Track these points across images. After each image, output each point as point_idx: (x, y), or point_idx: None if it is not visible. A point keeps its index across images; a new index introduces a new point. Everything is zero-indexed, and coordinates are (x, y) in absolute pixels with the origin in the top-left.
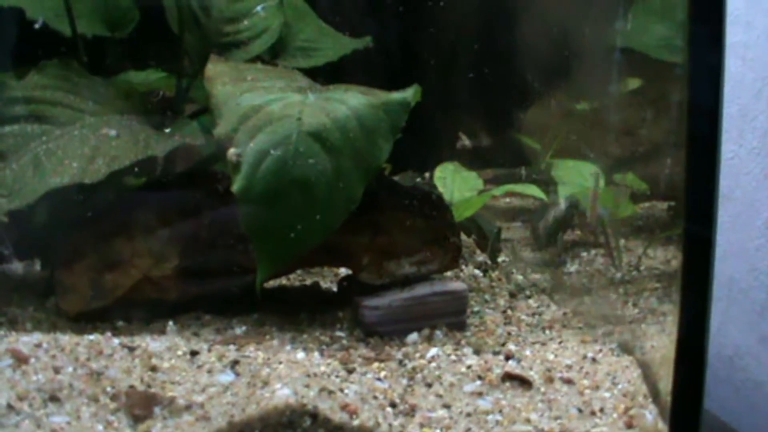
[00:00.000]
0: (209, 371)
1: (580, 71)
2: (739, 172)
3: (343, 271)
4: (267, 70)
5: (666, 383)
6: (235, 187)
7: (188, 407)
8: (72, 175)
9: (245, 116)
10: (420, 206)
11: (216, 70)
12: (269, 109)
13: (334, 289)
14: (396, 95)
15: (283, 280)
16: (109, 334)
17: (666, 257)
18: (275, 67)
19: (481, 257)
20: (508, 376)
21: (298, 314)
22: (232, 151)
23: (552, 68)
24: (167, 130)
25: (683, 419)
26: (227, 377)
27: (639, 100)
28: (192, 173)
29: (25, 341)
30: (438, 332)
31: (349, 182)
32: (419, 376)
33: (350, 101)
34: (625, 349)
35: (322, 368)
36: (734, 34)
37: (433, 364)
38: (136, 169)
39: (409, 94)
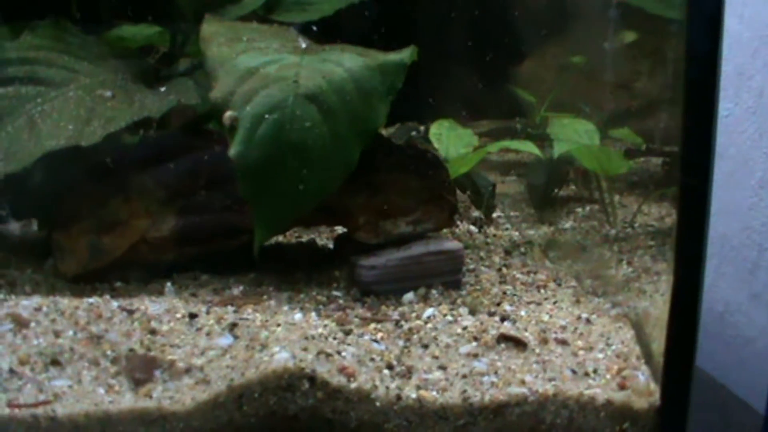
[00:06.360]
0: (208, 334)
1: (576, 24)
2: (734, 131)
3: (340, 229)
4: (262, 29)
5: (658, 344)
6: (232, 153)
7: (188, 370)
8: (68, 138)
9: (241, 79)
10: (415, 165)
11: (211, 30)
12: (265, 71)
13: (331, 245)
14: (393, 56)
15: (280, 238)
16: (108, 296)
17: (660, 213)
18: (271, 26)
19: (476, 213)
20: (504, 338)
21: (295, 273)
22: (228, 115)
23: (548, 21)
24: (162, 89)
25: (675, 378)
26: (226, 340)
27: (635, 54)
28: (188, 133)
29: (25, 305)
30: (434, 291)
31: (346, 146)
32: (415, 337)
33: (347, 63)
34: (619, 309)
35: (320, 330)
36: None
37: (429, 325)
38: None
39: (406, 55)
